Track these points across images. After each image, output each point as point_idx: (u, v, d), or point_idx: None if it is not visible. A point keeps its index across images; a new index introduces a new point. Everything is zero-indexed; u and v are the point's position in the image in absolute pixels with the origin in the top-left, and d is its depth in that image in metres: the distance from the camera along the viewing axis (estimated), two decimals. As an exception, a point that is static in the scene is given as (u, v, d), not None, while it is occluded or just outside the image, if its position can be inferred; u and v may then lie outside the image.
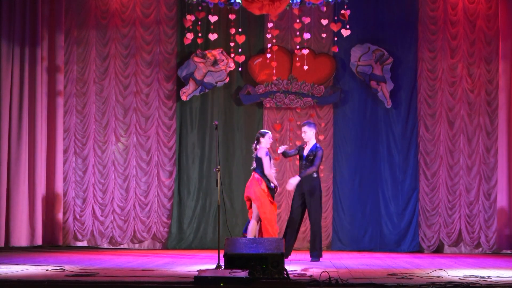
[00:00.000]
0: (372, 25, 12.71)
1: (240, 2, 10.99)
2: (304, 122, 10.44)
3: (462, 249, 12.42)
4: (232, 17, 11.64)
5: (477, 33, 12.54)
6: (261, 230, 9.82)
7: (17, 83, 12.25)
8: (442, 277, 7.73)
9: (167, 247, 12.59)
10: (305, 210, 10.12)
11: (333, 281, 7.03)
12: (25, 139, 12.23)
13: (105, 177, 12.81)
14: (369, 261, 10.26)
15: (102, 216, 12.75)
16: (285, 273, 7.31)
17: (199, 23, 11.69)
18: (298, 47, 12.07)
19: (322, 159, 10.16)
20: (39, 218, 12.26)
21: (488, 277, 7.69)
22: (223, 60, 12.60)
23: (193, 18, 11.59)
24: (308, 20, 11.61)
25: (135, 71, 12.91)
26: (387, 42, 12.63)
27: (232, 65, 12.52)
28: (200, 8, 11.69)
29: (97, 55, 12.93)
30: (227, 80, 12.69)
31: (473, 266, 9.43)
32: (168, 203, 12.79)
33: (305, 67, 11.81)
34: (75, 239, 12.73)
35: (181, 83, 12.74)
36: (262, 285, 6.93)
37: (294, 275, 7.63)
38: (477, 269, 8.83)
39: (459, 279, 7.50)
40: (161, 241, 12.74)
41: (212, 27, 11.99)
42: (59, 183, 12.60)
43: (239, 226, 11.95)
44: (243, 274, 6.98)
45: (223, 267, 7.72)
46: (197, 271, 7.60)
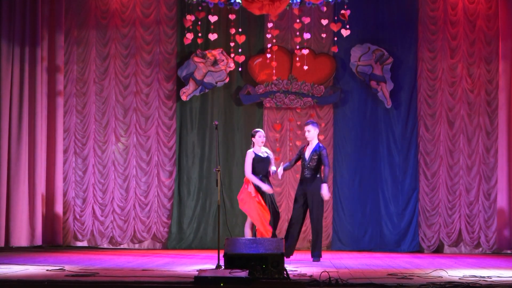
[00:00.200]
0: (372, 25, 12.70)
1: (240, 2, 10.99)
2: (307, 121, 10.42)
3: (462, 249, 12.42)
4: (232, 17, 11.65)
5: (477, 33, 12.54)
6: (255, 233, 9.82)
7: (17, 83, 12.25)
8: (442, 277, 7.73)
9: (167, 247, 12.59)
10: (306, 210, 10.09)
11: (333, 281, 7.03)
12: (25, 139, 12.23)
13: (105, 177, 12.81)
14: (369, 261, 10.25)
15: (102, 216, 12.75)
16: (285, 273, 7.32)
17: (199, 23, 11.69)
18: (298, 47, 12.07)
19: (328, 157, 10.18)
20: (39, 218, 12.26)
21: (488, 277, 7.70)
22: (223, 60, 12.60)
23: (193, 18, 11.59)
24: (308, 20, 11.61)
25: (135, 71, 12.91)
26: (387, 42, 12.63)
27: (232, 65, 12.52)
28: (200, 8, 11.70)
29: (97, 55, 12.93)
30: (227, 80, 12.69)
31: (473, 266, 9.43)
32: (168, 203, 12.79)
33: (305, 67, 11.81)
34: (75, 239, 12.73)
35: (181, 83, 12.74)
36: (262, 285, 6.93)
37: (294, 275, 7.63)
38: (477, 269, 8.83)
39: (459, 279, 7.50)
40: (161, 241, 12.74)
41: (212, 27, 11.99)
42: (59, 183, 12.60)
43: (239, 226, 11.95)
44: (243, 274, 6.98)
45: (223, 267, 7.72)
46: (197, 271, 7.60)
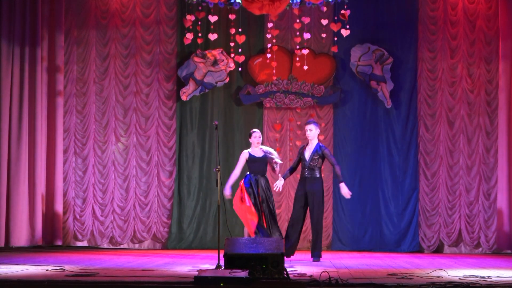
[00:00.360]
0: (372, 25, 12.70)
1: (240, 2, 10.99)
2: (309, 120, 10.41)
3: (462, 249, 12.42)
4: (232, 17, 11.64)
5: (477, 33, 12.54)
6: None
7: (17, 83, 12.25)
8: (442, 277, 7.73)
9: (167, 247, 12.59)
10: (307, 210, 10.10)
11: (333, 281, 7.03)
12: (25, 139, 12.23)
13: (105, 177, 12.81)
14: (369, 261, 10.25)
15: (102, 216, 12.74)
16: (285, 273, 7.32)
17: (199, 23, 11.69)
18: (298, 47, 12.08)
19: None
20: (39, 218, 12.26)
21: (488, 277, 7.69)
22: (223, 60, 12.59)
23: (193, 18, 11.59)
24: (308, 20, 11.61)
25: (135, 71, 12.90)
26: (387, 42, 12.62)
27: (232, 65, 12.51)
28: (200, 8, 11.69)
29: (97, 55, 12.93)
30: (227, 80, 12.69)
31: (473, 266, 9.43)
32: (168, 203, 12.79)
33: (305, 67, 11.81)
34: (75, 239, 12.73)
35: (181, 83, 12.74)
36: (262, 285, 6.92)
37: (294, 275, 7.63)
38: (477, 269, 8.83)
39: (459, 279, 7.49)
40: (161, 241, 12.73)
41: (212, 27, 11.99)
42: (59, 183, 12.60)
43: (239, 226, 11.94)
44: (243, 274, 6.97)
45: (223, 267, 7.72)
46: (197, 271, 7.60)
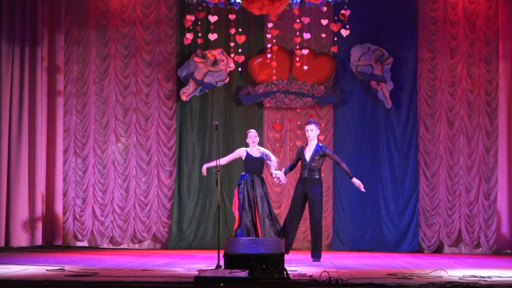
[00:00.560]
0: (372, 25, 12.70)
1: (240, 2, 10.98)
2: (310, 120, 10.38)
3: (462, 249, 12.42)
4: (232, 17, 11.64)
5: (477, 33, 12.54)
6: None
7: (17, 83, 12.25)
8: (442, 277, 7.73)
9: (167, 247, 12.59)
10: (304, 209, 10.12)
11: (333, 281, 7.03)
12: (25, 139, 12.22)
13: (105, 177, 12.81)
14: (369, 261, 10.25)
15: (102, 216, 12.74)
16: (285, 273, 7.32)
17: (199, 23, 11.69)
18: (298, 47, 12.08)
19: None
20: (39, 218, 12.26)
21: (488, 277, 7.69)
22: (223, 60, 12.59)
23: (193, 18, 11.59)
24: (308, 20, 11.61)
25: (135, 71, 12.90)
26: (387, 42, 12.62)
27: (232, 65, 12.51)
28: (200, 8, 11.69)
29: (97, 55, 12.93)
30: (227, 80, 12.69)
31: (473, 266, 9.43)
32: (168, 203, 12.79)
33: (305, 67, 11.81)
34: (75, 239, 12.73)
35: (181, 83, 12.74)
36: (262, 285, 6.92)
37: (294, 275, 7.63)
38: (477, 269, 8.83)
39: (459, 279, 7.50)
40: (161, 241, 12.73)
41: (212, 27, 11.99)
42: (59, 183, 12.60)
43: (239, 226, 11.94)
44: (243, 274, 6.98)
45: (223, 267, 7.72)
46: (197, 271, 7.60)
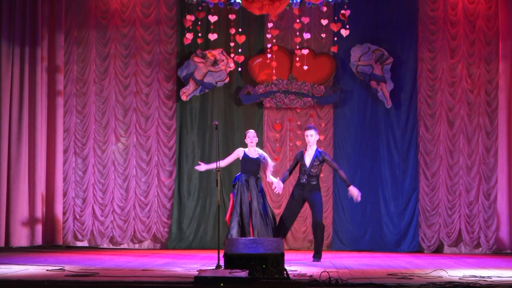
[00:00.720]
0: (372, 25, 12.70)
1: (240, 2, 10.98)
2: (309, 125, 10.38)
3: (462, 249, 12.42)
4: (232, 17, 11.64)
5: (477, 33, 12.54)
6: None
7: (17, 83, 12.25)
8: (442, 277, 7.73)
9: (167, 247, 12.59)
10: (301, 210, 10.24)
11: (333, 281, 7.03)
12: (25, 139, 12.22)
13: (105, 177, 12.81)
14: (369, 261, 10.25)
15: (102, 216, 12.74)
16: (285, 273, 7.32)
17: (199, 23, 11.69)
18: (298, 47, 12.07)
19: None
20: (39, 218, 12.26)
21: (488, 277, 7.69)
22: (223, 60, 12.59)
23: (193, 18, 11.59)
24: (308, 20, 11.60)
25: (135, 71, 12.91)
26: (387, 42, 12.62)
27: (232, 65, 12.51)
28: (200, 8, 11.69)
29: (97, 55, 12.93)
30: (227, 80, 12.69)
31: (473, 266, 9.43)
32: (168, 203, 12.79)
33: (305, 67, 11.80)
34: (75, 239, 12.72)
35: (181, 83, 12.74)
36: (262, 285, 6.92)
37: (294, 275, 7.63)
38: (477, 269, 8.83)
39: (459, 279, 7.50)
40: (161, 241, 12.73)
41: (212, 27, 11.99)
42: (59, 183, 12.60)
43: (239, 226, 11.94)
44: (243, 274, 6.97)
45: (223, 267, 7.72)
46: (197, 271, 7.60)
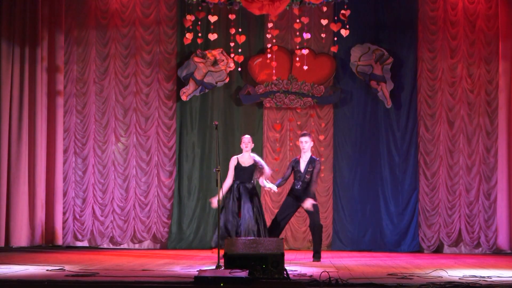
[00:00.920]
0: (372, 25, 12.69)
1: (240, 2, 10.98)
2: (304, 132, 10.42)
3: (462, 249, 12.42)
4: (232, 17, 11.63)
5: (477, 33, 12.54)
6: None
7: (17, 83, 12.26)
8: (442, 277, 7.73)
9: (167, 247, 12.58)
10: (295, 211, 10.29)
11: (333, 281, 7.03)
12: (25, 139, 12.23)
13: (105, 177, 12.81)
14: (369, 261, 10.25)
15: (102, 216, 12.74)
16: (285, 273, 7.32)
17: (199, 23, 11.68)
18: (298, 47, 12.07)
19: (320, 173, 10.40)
20: (39, 218, 12.27)
21: (488, 277, 7.70)
22: (223, 60, 12.59)
23: (193, 18, 11.57)
24: (308, 20, 11.59)
25: (135, 71, 12.90)
26: (387, 42, 12.63)
27: (232, 65, 12.51)
28: (200, 8, 11.68)
29: (97, 55, 12.92)
30: (227, 80, 12.69)
31: (473, 266, 9.43)
32: (168, 203, 12.79)
33: (305, 67, 11.79)
34: (75, 239, 12.72)
35: (181, 83, 12.74)
36: (262, 285, 6.93)
37: (294, 275, 7.63)
38: (477, 269, 8.83)
39: (459, 279, 7.50)
40: (161, 241, 12.73)
41: (212, 27, 11.98)
42: (59, 183, 12.60)
43: (239, 226, 11.94)
44: (243, 274, 6.98)
45: (223, 267, 7.72)
46: (197, 271, 7.60)
